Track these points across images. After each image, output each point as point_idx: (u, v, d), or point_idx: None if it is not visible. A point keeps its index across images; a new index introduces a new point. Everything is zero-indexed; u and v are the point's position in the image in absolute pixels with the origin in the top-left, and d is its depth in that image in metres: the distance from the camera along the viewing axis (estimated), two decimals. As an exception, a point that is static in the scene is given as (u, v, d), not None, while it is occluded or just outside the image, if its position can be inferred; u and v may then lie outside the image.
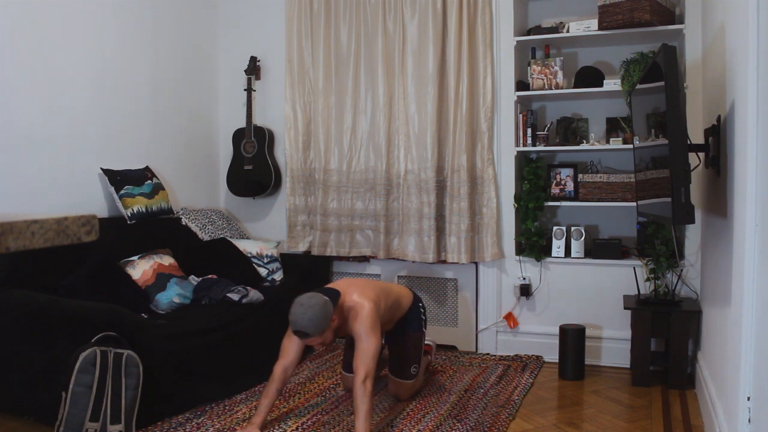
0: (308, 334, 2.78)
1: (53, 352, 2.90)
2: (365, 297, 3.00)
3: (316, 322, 2.76)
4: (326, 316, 2.79)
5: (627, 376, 3.76)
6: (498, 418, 3.10)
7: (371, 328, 2.92)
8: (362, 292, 3.03)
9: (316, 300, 2.80)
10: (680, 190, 2.59)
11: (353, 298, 3.00)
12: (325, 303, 2.81)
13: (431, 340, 3.87)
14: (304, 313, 2.77)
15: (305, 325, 2.76)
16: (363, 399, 2.73)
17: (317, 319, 2.76)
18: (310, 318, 2.75)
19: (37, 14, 3.50)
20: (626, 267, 3.92)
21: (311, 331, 2.77)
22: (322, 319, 2.77)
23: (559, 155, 4.31)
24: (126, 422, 2.72)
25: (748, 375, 2.11)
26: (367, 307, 2.95)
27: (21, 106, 3.42)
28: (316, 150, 4.55)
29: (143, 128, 4.24)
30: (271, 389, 2.94)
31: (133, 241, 3.76)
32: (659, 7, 3.74)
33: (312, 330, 2.77)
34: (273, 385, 2.94)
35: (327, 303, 2.82)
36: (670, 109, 2.62)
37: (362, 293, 3.02)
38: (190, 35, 4.66)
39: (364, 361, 2.82)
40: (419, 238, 4.24)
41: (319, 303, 2.79)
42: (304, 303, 2.80)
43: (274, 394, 2.94)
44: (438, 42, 4.18)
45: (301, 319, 2.76)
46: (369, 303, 2.98)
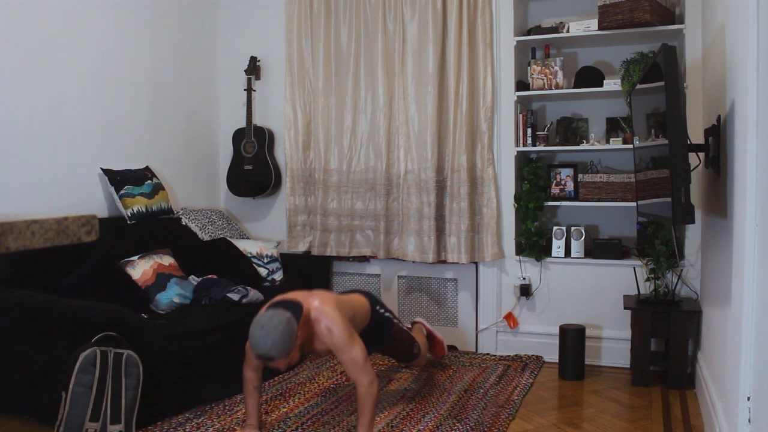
0: (273, 358, 2.48)
1: (53, 352, 2.90)
2: (328, 305, 2.74)
3: (280, 344, 2.45)
4: (291, 336, 2.48)
5: (627, 376, 3.76)
6: (498, 418, 3.10)
7: (349, 336, 2.69)
8: (323, 300, 2.76)
9: (278, 319, 2.48)
10: (680, 190, 2.58)
11: (315, 307, 2.72)
12: (288, 321, 2.49)
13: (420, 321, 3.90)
14: (266, 336, 2.44)
15: (269, 348, 2.44)
16: (370, 403, 2.65)
17: (281, 341, 2.45)
18: (273, 341, 2.44)
19: (37, 14, 3.50)
20: (626, 267, 3.92)
21: (276, 354, 2.46)
22: (286, 341, 2.47)
23: (559, 155, 4.31)
24: (126, 422, 2.72)
25: (748, 375, 2.11)
26: (334, 317, 2.70)
27: (21, 106, 3.42)
28: (316, 150, 4.55)
29: (143, 128, 4.24)
30: (249, 388, 2.86)
31: (133, 241, 3.76)
32: (659, 7, 3.74)
33: (277, 353, 2.46)
34: (249, 385, 2.86)
35: (290, 320, 2.51)
36: (670, 109, 2.62)
37: (323, 302, 2.75)
38: (190, 35, 4.66)
39: (360, 370, 2.66)
40: (419, 238, 4.24)
41: (282, 322, 2.47)
42: (264, 324, 2.47)
43: (255, 392, 2.87)
44: (438, 42, 4.18)
45: (263, 343, 2.44)
46: (334, 311, 2.72)
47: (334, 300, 2.81)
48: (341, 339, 2.67)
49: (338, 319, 2.70)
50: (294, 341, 2.51)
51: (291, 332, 2.49)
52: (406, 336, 3.42)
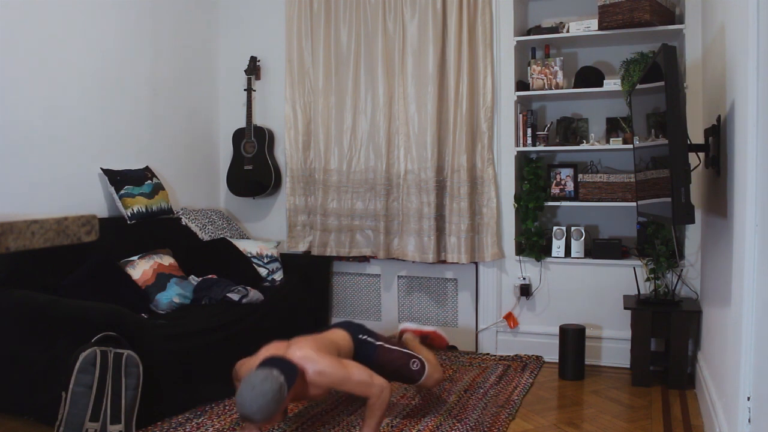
0: (255, 422, 2.41)
1: (53, 352, 2.90)
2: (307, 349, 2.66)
3: (265, 411, 2.37)
4: (278, 404, 2.40)
5: (627, 376, 3.76)
6: (498, 418, 3.10)
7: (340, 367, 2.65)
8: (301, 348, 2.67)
9: (269, 386, 2.38)
10: (680, 190, 2.58)
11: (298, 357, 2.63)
12: (279, 389, 2.41)
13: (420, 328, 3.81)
14: (254, 399, 2.36)
15: (253, 412, 2.36)
16: (380, 406, 2.63)
17: (267, 408, 2.37)
18: (259, 406, 2.36)
19: (37, 14, 3.50)
20: (626, 267, 3.92)
21: (259, 419, 2.38)
22: (272, 408, 2.39)
23: (559, 155, 4.31)
24: (126, 422, 2.72)
25: (748, 375, 2.11)
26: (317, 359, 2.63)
27: (21, 106, 3.42)
28: (316, 150, 4.55)
29: (143, 128, 4.24)
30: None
31: (133, 241, 3.76)
32: (659, 7, 3.74)
33: (260, 418, 2.38)
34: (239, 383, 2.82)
35: (282, 388, 2.42)
36: (670, 109, 2.62)
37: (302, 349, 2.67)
38: (190, 35, 4.66)
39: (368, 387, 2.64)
40: (419, 238, 4.24)
41: (272, 390, 2.38)
42: (256, 386, 2.38)
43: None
44: (438, 42, 4.18)
45: (249, 406, 2.36)
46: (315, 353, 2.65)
47: (313, 343, 2.73)
48: (335, 375, 2.63)
49: (322, 358, 2.64)
50: (280, 408, 2.44)
51: (279, 400, 2.41)
52: (397, 354, 3.07)
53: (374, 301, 4.58)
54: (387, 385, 2.67)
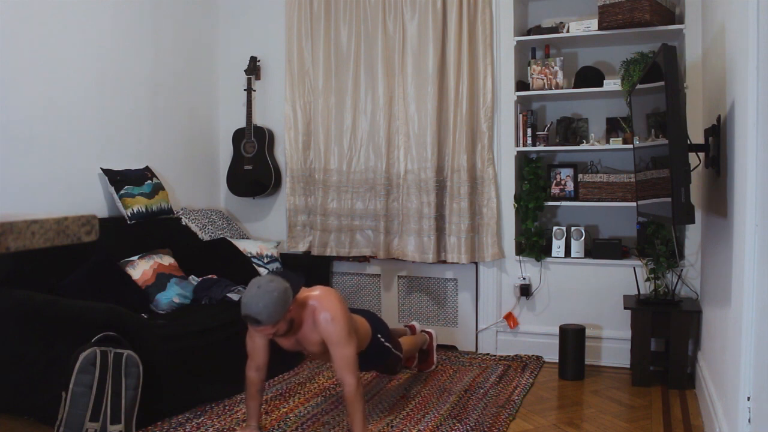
0: (260, 322, 2.45)
1: (53, 352, 2.90)
2: (332, 297, 2.71)
3: (270, 309, 2.42)
4: (284, 305, 2.45)
5: (627, 376, 3.76)
6: (498, 418, 3.10)
7: (348, 332, 2.66)
8: (327, 292, 2.74)
9: (275, 285, 2.45)
10: (680, 190, 2.58)
11: (316, 295, 2.70)
12: (285, 290, 2.47)
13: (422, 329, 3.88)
14: (259, 297, 2.42)
15: (258, 311, 2.42)
16: (358, 404, 2.65)
17: (273, 306, 2.42)
18: (265, 304, 2.42)
19: (37, 14, 3.50)
20: (626, 267, 3.92)
21: (263, 318, 2.44)
22: (278, 308, 2.44)
23: (559, 155, 4.31)
24: (126, 422, 2.73)
25: (748, 375, 2.11)
26: (338, 309, 2.66)
27: (21, 105, 3.42)
28: (316, 150, 4.55)
29: (143, 128, 4.24)
30: (251, 391, 2.85)
31: (133, 241, 3.77)
32: (659, 7, 3.74)
33: (264, 317, 2.43)
34: (252, 388, 2.84)
35: (287, 290, 2.48)
36: (670, 109, 2.62)
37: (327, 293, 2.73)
38: (190, 35, 4.66)
39: (350, 370, 2.64)
40: (419, 238, 4.24)
41: (278, 288, 2.45)
42: (261, 285, 2.45)
43: (257, 394, 2.86)
44: (438, 42, 4.18)
45: (254, 304, 2.42)
46: (338, 304, 2.69)
47: (338, 297, 2.77)
48: (339, 334, 2.64)
49: (340, 313, 2.67)
50: (285, 312, 2.47)
51: (285, 301, 2.45)
52: (397, 359, 3.29)
53: (374, 301, 4.58)
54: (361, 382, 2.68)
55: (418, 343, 3.68)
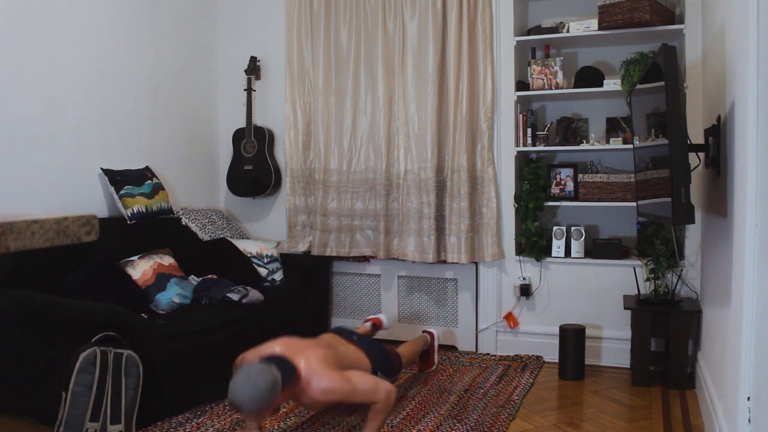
0: (243, 411, 2.40)
1: (53, 352, 2.90)
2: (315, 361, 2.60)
3: (255, 403, 2.36)
4: (269, 398, 2.39)
5: (627, 376, 3.76)
6: (498, 418, 3.10)
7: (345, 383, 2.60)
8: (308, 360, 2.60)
9: (264, 378, 2.38)
10: (680, 190, 2.58)
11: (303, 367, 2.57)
12: (274, 384, 2.39)
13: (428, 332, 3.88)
14: (246, 389, 2.36)
15: (242, 401, 2.36)
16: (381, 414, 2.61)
17: (257, 400, 2.36)
18: (250, 397, 2.35)
19: (37, 14, 3.50)
20: (626, 267, 3.92)
21: (246, 409, 2.38)
22: (262, 403, 2.37)
23: (559, 155, 4.31)
24: (126, 422, 2.72)
25: (748, 375, 2.11)
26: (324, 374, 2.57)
27: (21, 105, 3.42)
28: (316, 150, 4.55)
29: (143, 128, 4.24)
30: None
31: (133, 241, 3.76)
32: (659, 7, 3.74)
33: (248, 409, 2.38)
34: None
35: (276, 385, 2.40)
36: (670, 109, 2.62)
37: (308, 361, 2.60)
38: (190, 35, 4.66)
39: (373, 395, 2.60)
40: (419, 238, 4.24)
41: (267, 383, 2.37)
42: (251, 376, 2.38)
43: None
44: (438, 42, 4.18)
45: (239, 393, 2.36)
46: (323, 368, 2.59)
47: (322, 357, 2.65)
48: (341, 392, 2.59)
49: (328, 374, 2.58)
50: (270, 405, 2.42)
51: (271, 396, 2.39)
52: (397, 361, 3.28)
53: (374, 301, 4.58)
54: (393, 389, 2.65)
55: (419, 347, 3.66)
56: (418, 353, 3.65)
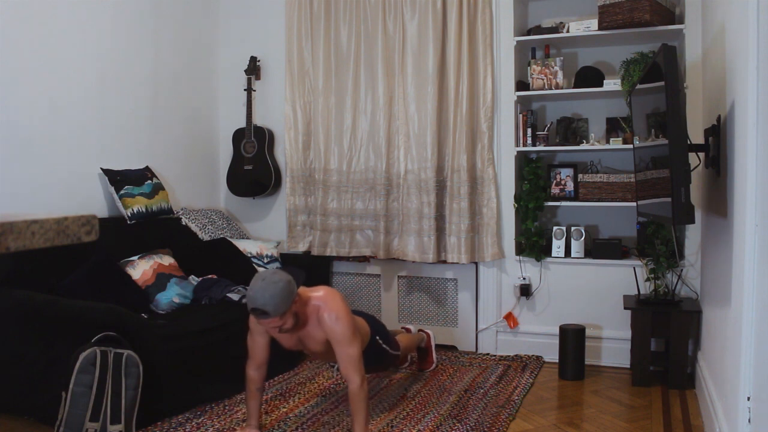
0: (267, 313, 2.48)
1: (53, 352, 2.90)
2: (335, 297, 2.74)
3: (277, 300, 2.46)
4: (290, 296, 2.50)
5: (627, 376, 3.76)
6: (498, 418, 3.10)
7: (352, 331, 2.70)
8: (330, 292, 2.77)
9: (279, 276, 2.51)
10: (680, 190, 2.58)
11: (319, 296, 2.73)
12: (289, 281, 2.52)
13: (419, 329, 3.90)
14: (265, 288, 2.46)
15: (265, 302, 2.45)
16: (362, 402, 2.66)
17: (279, 296, 2.46)
18: (271, 294, 2.45)
19: (37, 14, 3.50)
20: (626, 267, 3.92)
21: (271, 309, 2.46)
22: (284, 298, 2.48)
23: (559, 155, 4.31)
24: (126, 422, 2.73)
25: (748, 375, 2.11)
26: (341, 308, 2.70)
27: (21, 106, 3.42)
28: (316, 150, 4.55)
29: (143, 128, 4.24)
30: (251, 389, 2.87)
31: (133, 241, 3.76)
32: (659, 7, 3.74)
33: (272, 308, 2.46)
34: (252, 386, 2.86)
35: (291, 282, 2.53)
36: (670, 109, 2.62)
37: (330, 293, 2.76)
38: (190, 35, 4.66)
39: (355, 368, 2.66)
40: (419, 238, 4.24)
41: (282, 280, 2.50)
42: (266, 278, 2.50)
43: (257, 393, 2.88)
44: (438, 42, 4.18)
45: (261, 296, 2.45)
46: (342, 304, 2.72)
47: (342, 297, 2.80)
48: (345, 332, 2.68)
49: (344, 312, 2.71)
50: (291, 303, 2.52)
51: (290, 291, 2.51)
52: (393, 358, 3.33)
53: (374, 301, 4.58)
54: (366, 381, 2.71)
55: (415, 341, 3.69)
56: (413, 347, 3.68)
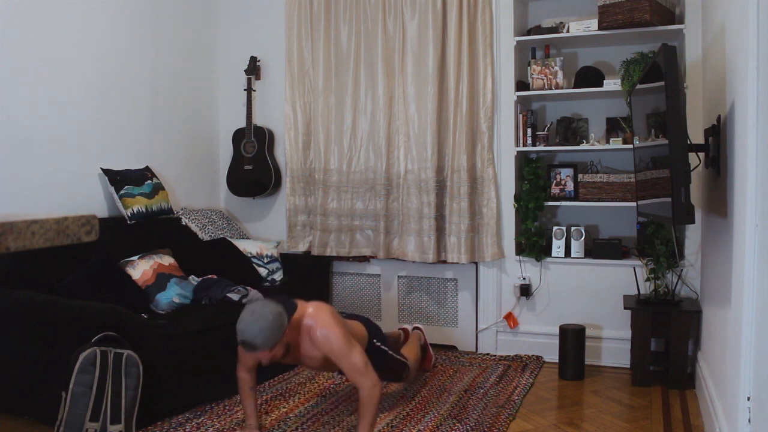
0: (256, 347, 2.47)
1: (53, 352, 2.90)
2: (323, 312, 2.72)
3: (266, 333, 2.44)
4: (279, 328, 2.48)
5: (627, 376, 3.76)
6: (498, 418, 3.10)
7: (347, 342, 2.67)
8: (318, 308, 2.74)
9: (269, 309, 2.48)
10: (680, 190, 2.58)
11: (310, 313, 2.70)
12: (279, 314, 2.49)
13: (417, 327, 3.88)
14: (254, 322, 2.45)
15: (254, 336, 2.44)
16: (370, 406, 2.63)
17: (269, 330, 2.44)
18: (261, 328, 2.44)
19: (37, 14, 3.50)
20: (626, 267, 3.92)
21: (260, 343, 2.45)
22: (274, 331, 2.46)
23: (559, 155, 4.31)
24: (126, 422, 2.73)
25: (748, 375, 2.11)
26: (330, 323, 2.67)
27: (21, 106, 3.42)
28: (316, 150, 4.55)
29: (143, 128, 4.24)
30: (245, 390, 2.88)
31: (133, 241, 3.76)
32: (659, 7, 3.74)
33: (261, 342, 2.45)
34: (245, 385, 2.87)
35: (281, 315, 2.51)
36: (670, 109, 2.62)
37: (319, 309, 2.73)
38: (190, 35, 4.66)
39: (361, 374, 2.64)
40: (419, 238, 4.24)
41: (272, 312, 2.47)
42: (255, 311, 2.48)
43: (251, 393, 2.89)
44: (438, 42, 4.18)
45: (249, 329, 2.44)
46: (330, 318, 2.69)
47: (330, 310, 2.78)
48: (339, 346, 2.65)
49: (334, 326, 2.68)
50: (281, 335, 2.49)
51: (280, 325, 2.48)
52: (398, 363, 3.26)
53: (374, 301, 4.58)
54: (379, 383, 2.68)
55: (417, 347, 3.65)
56: (418, 351, 3.64)
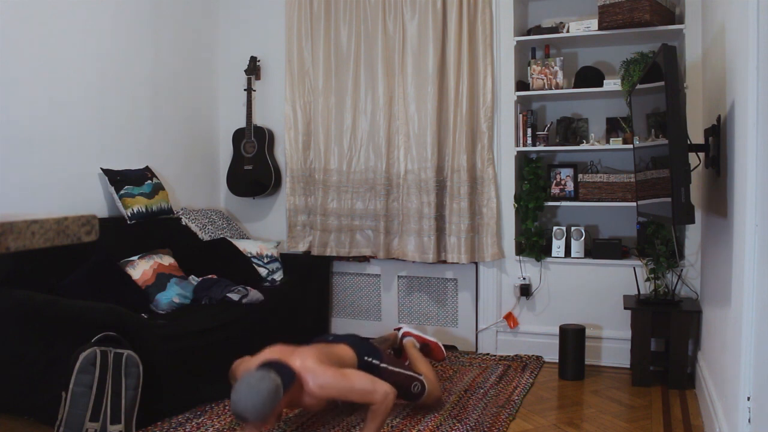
0: (246, 420, 2.40)
1: (53, 352, 2.90)
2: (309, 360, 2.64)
3: (259, 410, 2.37)
4: (272, 405, 2.40)
5: (627, 376, 3.76)
6: (498, 418, 3.10)
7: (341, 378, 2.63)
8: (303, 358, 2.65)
9: (266, 385, 2.40)
10: (680, 190, 2.58)
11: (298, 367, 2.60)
12: (275, 389, 2.41)
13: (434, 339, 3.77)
14: (248, 397, 2.36)
15: (245, 409, 2.36)
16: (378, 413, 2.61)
17: (261, 407, 2.37)
18: (254, 404, 2.36)
19: (37, 14, 3.50)
20: (626, 267, 3.92)
21: (251, 417, 2.38)
22: (267, 408, 2.38)
23: (559, 155, 4.31)
24: (126, 422, 2.73)
25: (748, 375, 2.11)
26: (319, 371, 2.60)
27: (21, 105, 3.42)
28: (316, 150, 4.55)
29: (143, 128, 4.24)
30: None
31: (133, 241, 3.76)
32: (659, 7, 3.74)
33: (252, 417, 2.38)
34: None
35: (278, 389, 2.43)
36: (670, 109, 2.62)
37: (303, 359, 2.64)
38: (190, 35, 4.66)
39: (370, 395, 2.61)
40: (419, 238, 4.24)
41: (268, 389, 2.39)
42: (252, 385, 2.39)
43: None
44: (438, 42, 4.18)
45: (243, 403, 2.37)
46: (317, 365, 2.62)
47: (316, 354, 2.70)
48: (337, 387, 2.61)
49: (324, 371, 2.62)
50: (274, 411, 2.43)
51: (274, 401, 2.41)
52: (400, 376, 3.03)
53: (374, 301, 4.58)
54: (391, 390, 2.64)
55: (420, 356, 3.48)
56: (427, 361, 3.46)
